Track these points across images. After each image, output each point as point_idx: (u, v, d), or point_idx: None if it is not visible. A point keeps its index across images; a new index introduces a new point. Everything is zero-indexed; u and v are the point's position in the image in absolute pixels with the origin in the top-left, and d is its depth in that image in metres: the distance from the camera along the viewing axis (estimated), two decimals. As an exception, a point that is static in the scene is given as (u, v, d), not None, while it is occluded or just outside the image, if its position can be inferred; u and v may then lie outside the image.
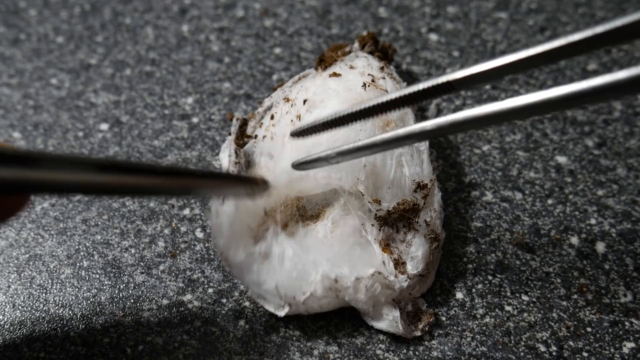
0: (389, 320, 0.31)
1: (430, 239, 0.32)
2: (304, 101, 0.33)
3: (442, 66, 0.45)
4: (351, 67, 0.35)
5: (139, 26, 0.48)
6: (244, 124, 0.37)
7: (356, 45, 0.39)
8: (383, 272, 0.30)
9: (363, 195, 0.31)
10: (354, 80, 0.34)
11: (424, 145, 0.33)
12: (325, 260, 0.30)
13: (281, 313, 0.31)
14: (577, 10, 0.49)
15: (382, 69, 0.36)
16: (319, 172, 0.31)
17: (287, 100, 0.35)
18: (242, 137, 0.36)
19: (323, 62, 0.37)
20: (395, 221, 0.31)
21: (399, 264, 0.31)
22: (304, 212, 0.32)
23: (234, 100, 0.43)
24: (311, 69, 0.38)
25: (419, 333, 0.31)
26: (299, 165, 0.31)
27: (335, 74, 0.35)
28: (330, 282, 0.30)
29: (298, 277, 0.30)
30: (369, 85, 0.33)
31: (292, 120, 0.33)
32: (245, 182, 0.31)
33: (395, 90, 0.34)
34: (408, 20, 0.48)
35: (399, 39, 0.47)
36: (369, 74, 0.34)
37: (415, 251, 0.31)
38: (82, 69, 0.45)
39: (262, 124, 0.35)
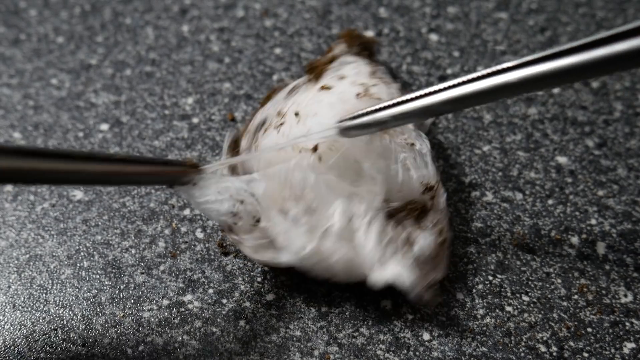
0: (397, 269, 0.30)
1: (437, 232, 0.32)
2: (296, 114, 0.33)
3: (442, 66, 0.45)
4: (341, 78, 0.34)
5: (139, 26, 0.48)
6: (234, 144, 0.36)
7: (342, 46, 0.39)
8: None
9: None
10: (346, 92, 0.33)
11: (426, 148, 0.33)
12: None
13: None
14: (578, 11, 0.49)
15: (373, 73, 0.35)
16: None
17: (279, 114, 0.34)
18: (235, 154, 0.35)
19: (313, 70, 0.36)
20: (402, 219, 0.31)
21: (407, 242, 0.31)
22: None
23: (234, 100, 0.43)
24: (303, 77, 0.37)
25: (427, 297, 0.31)
26: (345, 131, 0.30)
27: (325, 87, 0.34)
28: (346, 220, 0.30)
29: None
30: (363, 95, 0.33)
31: (278, 132, 0.33)
32: (174, 166, 0.30)
33: (389, 95, 0.34)
34: (408, 21, 0.48)
35: (399, 39, 0.47)
36: (360, 83, 0.34)
37: (422, 241, 0.31)
38: (83, 69, 0.45)
39: (257, 138, 0.34)
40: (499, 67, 0.25)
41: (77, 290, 0.34)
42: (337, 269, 0.31)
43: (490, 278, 0.34)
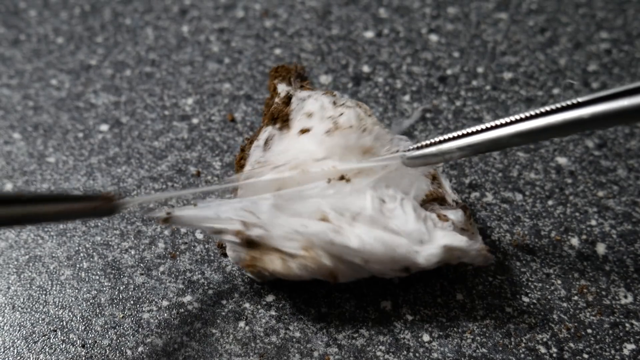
0: (448, 234, 0.30)
1: (462, 208, 0.32)
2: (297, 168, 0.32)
3: (442, 67, 0.45)
4: (309, 115, 0.33)
5: (139, 27, 0.48)
6: None
7: (283, 85, 0.37)
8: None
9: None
10: (325, 127, 0.33)
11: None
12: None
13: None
14: (578, 11, 0.49)
15: (334, 103, 0.34)
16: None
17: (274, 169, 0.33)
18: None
19: (278, 118, 0.34)
20: (426, 204, 0.32)
21: (442, 218, 0.31)
22: None
23: (234, 101, 0.43)
24: (266, 127, 0.35)
25: (479, 242, 0.31)
26: (410, 160, 0.30)
27: (304, 130, 0.33)
28: (378, 202, 0.30)
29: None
30: (334, 130, 0.32)
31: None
32: (93, 200, 0.29)
33: (357, 119, 0.33)
34: (408, 21, 0.48)
35: (399, 39, 0.47)
36: (328, 117, 0.33)
37: (454, 216, 0.32)
38: (82, 70, 0.45)
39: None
40: (571, 101, 0.25)
41: (76, 291, 0.34)
42: (374, 258, 0.30)
43: (490, 279, 0.34)
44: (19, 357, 0.31)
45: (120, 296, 0.33)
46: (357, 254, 0.29)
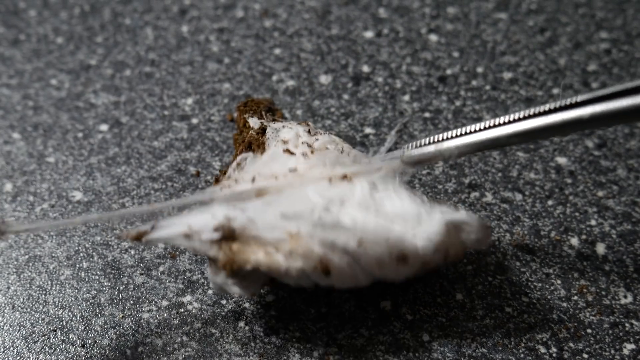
0: (448, 211, 0.29)
1: None
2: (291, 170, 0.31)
3: (442, 67, 0.45)
4: (284, 142, 0.32)
5: (139, 27, 0.48)
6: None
7: (255, 119, 0.36)
8: None
9: None
10: (302, 150, 0.32)
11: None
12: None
13: None
14: (577, 11, 0.49)
15: (309, 132, 0.33)
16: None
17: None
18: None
19: (253, 146, 0.34)
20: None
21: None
22: None
23: (234, 101, 0.43)
24: (244, 154, 0.33)
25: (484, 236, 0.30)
26: (409, 160, 0.30)
27: (288, 151, 0.32)
28: (368, 187, 0.30)
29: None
30: (312, 153, 0.31)
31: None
32: None
33: (331, 142, 0.33)
34: (408, 21, 0.48)
35: (399, 39, 0.47)
36: (303, 142, 0.32)
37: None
38: (82, 70, 0.45)
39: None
40: (570, 101, 0.25)
41: (76, 291, 0.34)
42: (369, 239, 0.27)
43: (490, 279, 0.34)
44: (18, 357, 0.31)
45: (120, 296, 0.33)
46: (350, 232, 0.27)
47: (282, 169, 0.31)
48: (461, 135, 0.29)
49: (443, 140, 0.29)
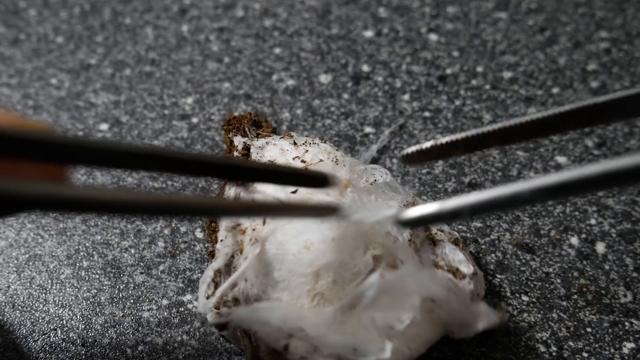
0: (484, 314, 0.28)
1: (454, 241, 0.31)
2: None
3: (441, 66, 0.45)
4: (272, 160, 0.32)
5: (139, 26, 0.48)
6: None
7: (238, 138, 0.35)
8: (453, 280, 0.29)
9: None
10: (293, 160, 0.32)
11: (388, 177, 0.32)
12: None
13: (386, 354, 0.27)
14: (577, 10, 0.49)
15: (294, 144, 0.33)
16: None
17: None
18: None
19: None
20: (419, 246, 0.31)
21: (453, 272, 0.30)
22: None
23: (234, 100, 0.43)
24: (230, 186, 0.33)
25: (507, 313, 0.30)
26: (409, 223, 0.25)
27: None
28: (427, 302, 0.28)
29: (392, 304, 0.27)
30: (307, 168, 0.31)
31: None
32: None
33: (326, 152, 0.32)
34: (408, 20, 0.48)
35: (399, 39, 0.47)
36: (294, 158, 0.32)
37: (454, 255, 0.30)
38: (82, 69, 0.45)
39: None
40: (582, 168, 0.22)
41: (76, 290, 0.34)
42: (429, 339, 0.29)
43: (490, 278, 0.34)
44: (19, 356, 0.31)
45: (120, 295, 0.33)
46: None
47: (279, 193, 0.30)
48: (468, 192, 0.26)
49: (446, 198, 0.26)
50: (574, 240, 0.35)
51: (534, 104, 0.42)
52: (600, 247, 0.35)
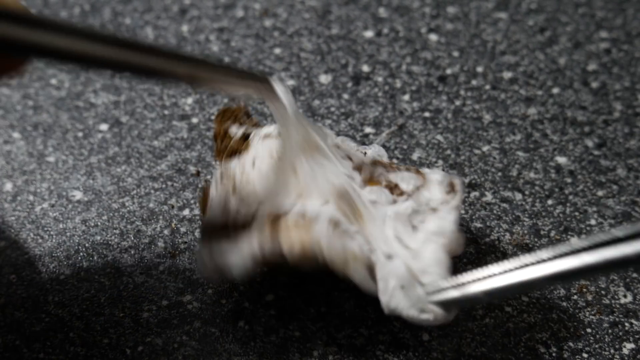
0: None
1: (415, 171, 0.31)
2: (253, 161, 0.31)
3: (442, 66, 0.45)
4: (267, 135, 0.33)
5: (139, 26, 0.48)
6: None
7: (234, 128, 0.35)
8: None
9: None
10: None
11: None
12: None
13: None
14: (577, 11, 0.49)
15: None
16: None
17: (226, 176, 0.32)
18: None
19: (237, 152, 0.34)
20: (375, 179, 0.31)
21: (391, 187, 0.30)
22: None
23: (234, 100, 0.43)
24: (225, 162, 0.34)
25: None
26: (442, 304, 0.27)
27: (267, 136, 0.32)
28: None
29: None
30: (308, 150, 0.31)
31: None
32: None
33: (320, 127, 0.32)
34: (408, 21, 0.48)
35: (399, 39, 0.47)
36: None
37: (400, 175, 0.31)
38: (82, 69, 0.45)
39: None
40: (611, 236, 0.22)
41: (76, 290, 0.34)
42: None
43: (490, 278, 0.34)
44: (18, 357, 0.31)
45: (120, 295, 0.33)
46: None
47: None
48: (488, 277, 0.25)
49: (468, 282, 0.26)
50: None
51: (534, 104, 0.42)
52: (600, 248, 0.35)
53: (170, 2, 0.50)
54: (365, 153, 0.32)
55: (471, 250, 0.35)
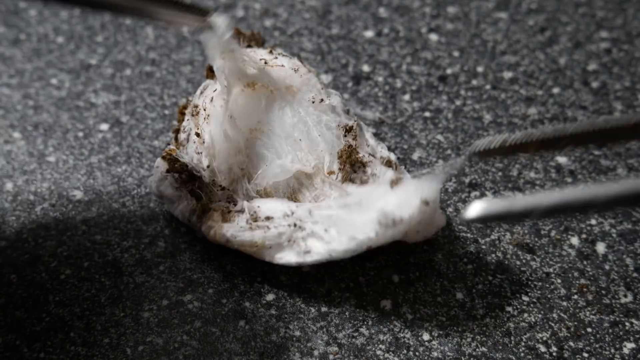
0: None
1: (387, 164, 0.33)
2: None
3: (442, 66, 0.45)
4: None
5: (139, 26, 0.48)
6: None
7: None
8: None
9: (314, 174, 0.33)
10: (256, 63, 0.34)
11: (335, 101, 0.35)
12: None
13: None
14: (577, 10, 0.49)
15: (270, 52, 0.36)
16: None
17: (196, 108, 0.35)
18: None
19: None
20: (350, 172, 0.33)
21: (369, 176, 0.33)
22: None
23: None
24: (207, 81, 0.37)
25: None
26: (479, 219, 0.25)
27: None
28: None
29: None
30: (265, 65, 0.34)
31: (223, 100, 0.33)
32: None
33: (288, 61, 0.35)
34: (408, 21, 0.48)
35: (399, 39, 0.47)
36: (260, 59, 0.34)
37: (379, 170, 0.33)
38: (82, 69, 0.45)
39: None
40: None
41: (76, 290, 0.34)
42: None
43: (490, 278, 0.34)
44: (18, 357, 0.31)
45: (121, 295, 0.33)
46: None
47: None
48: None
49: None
50: (575, 241, 0.35)
51: (534, 104, 0.42)
52: (601, 247, 0.35)
53: (171, 2, 0.50)
54: (322, 100, 0.34)
55: (471, 250, 0.35)
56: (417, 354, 0.31)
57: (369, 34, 0.47)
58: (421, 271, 0.34)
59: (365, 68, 0.45)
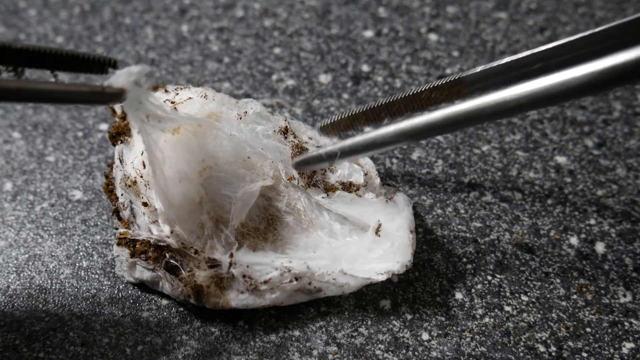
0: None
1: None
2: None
3: (441, 66, 0.45)
4: (147, 116, 0.32)
5: (139, 26, 0.48)
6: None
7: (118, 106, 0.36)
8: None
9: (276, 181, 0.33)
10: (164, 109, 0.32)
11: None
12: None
13: None
14: (577, 10, 0.49)
15: (165, 91, 0.35)
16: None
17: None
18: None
19: (120, 134, 0.34)
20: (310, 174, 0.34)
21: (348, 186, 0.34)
22: (253, 230, 0.33)
23: (234, 100, 0.43)
24: (116, 148, 0.35)
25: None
26: (298, 165, 0.31)
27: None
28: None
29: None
30: (175, 106, 0.33)
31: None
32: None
33: (192, 92, 0.34)
34: (408, 20, 0.48)
35: (399, 39, 0.47)
36: (165, 100, 0.33)
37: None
38: (82, 69, 0.45)
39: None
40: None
41: (76, 290, 0.34)
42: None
43: (489, 278, 0.34)
44: (18, 356, 0.31)
45: (120, 295, 0.33)
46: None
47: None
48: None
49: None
50: (574, 240, 0.35)
51: (533, 104, 0.42)
52: (600, 247, 0.35)
53: (170, 2, 0.50)
54: (246, 112, 0.34)
55: (471, 250, 0.35)
56: (416, 353, 0.31)
57: (369, 33, 0.47)
58: (420, 271, 0.34)
59: (365, 68, 0.45)
